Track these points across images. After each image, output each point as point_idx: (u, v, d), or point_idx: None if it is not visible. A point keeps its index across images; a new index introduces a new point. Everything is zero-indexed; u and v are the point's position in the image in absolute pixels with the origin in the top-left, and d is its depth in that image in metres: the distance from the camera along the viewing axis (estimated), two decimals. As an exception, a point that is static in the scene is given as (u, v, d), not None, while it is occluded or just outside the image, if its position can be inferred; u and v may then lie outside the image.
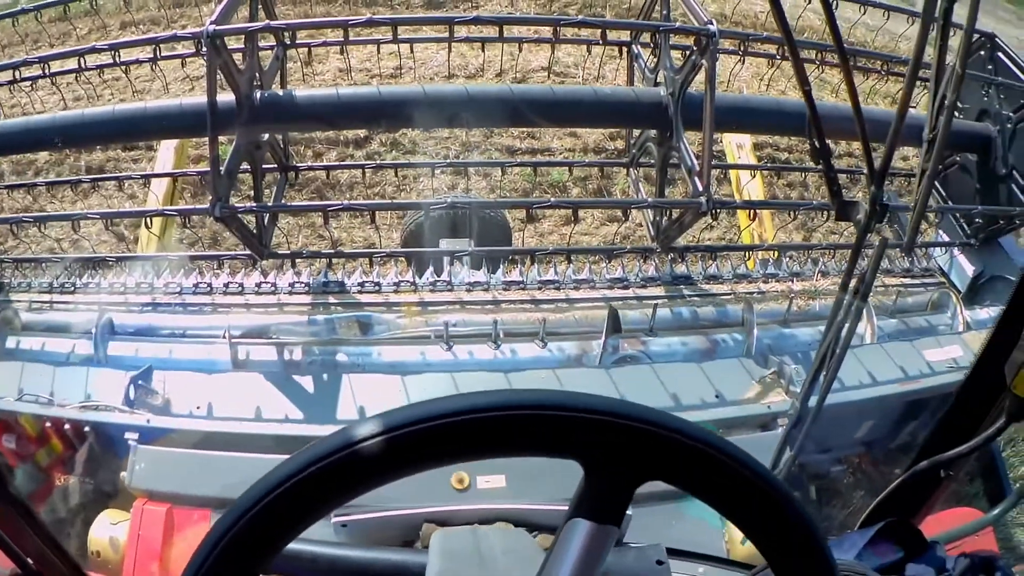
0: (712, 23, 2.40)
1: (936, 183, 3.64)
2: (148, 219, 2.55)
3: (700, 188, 2.44)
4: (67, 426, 2.33)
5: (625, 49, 2.77)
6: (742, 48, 2.83)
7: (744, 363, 2.57)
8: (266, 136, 2.48)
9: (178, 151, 3.25)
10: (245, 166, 2.44)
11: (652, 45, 2.72)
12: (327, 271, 2.49)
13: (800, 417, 1.77)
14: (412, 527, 1.75)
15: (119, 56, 2.69)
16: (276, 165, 2.64)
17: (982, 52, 3.18)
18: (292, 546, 0.65)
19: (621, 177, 3.68)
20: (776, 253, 3.00)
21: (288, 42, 2.52)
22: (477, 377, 2.22)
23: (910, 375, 2.59)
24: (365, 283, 2.44)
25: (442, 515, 1.74)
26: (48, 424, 2.34)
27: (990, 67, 3.16)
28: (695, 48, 2.45)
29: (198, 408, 2.30)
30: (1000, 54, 3.09)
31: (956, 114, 3.40)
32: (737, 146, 3.43)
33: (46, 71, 2.88)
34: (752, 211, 2.84)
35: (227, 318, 2.46)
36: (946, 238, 3.45)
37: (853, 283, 1.48)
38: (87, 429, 2.30)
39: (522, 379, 2.25)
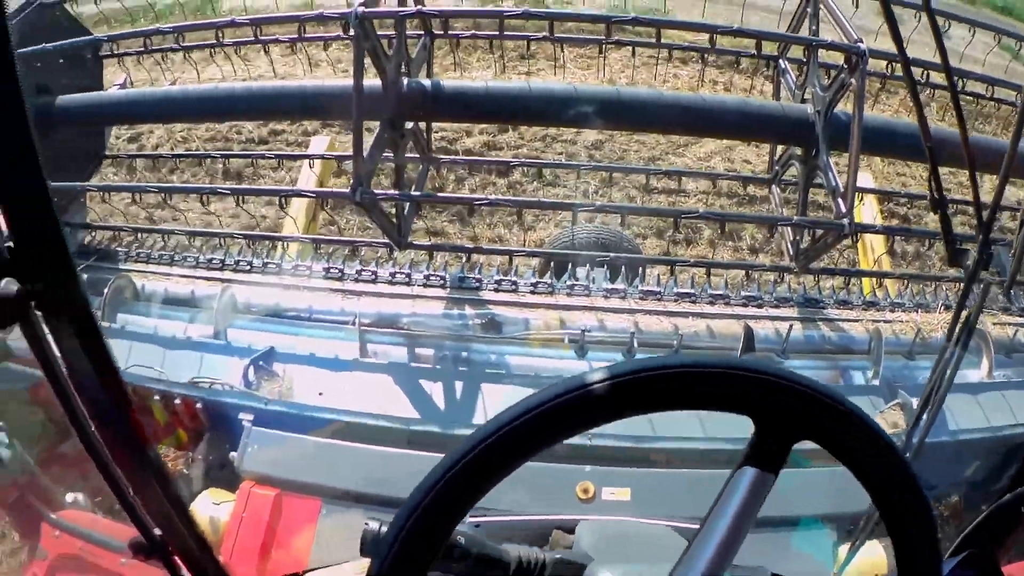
0: (862, 41, 2.33)
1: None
2: (283, 199, 2.53)
3: (843, 210, 2.37)
4: (177, 401, 2.29)
5: (772, 64, 2.71)
6: (889, 69, 2.75)
7: (870, 394, 2.51)
8: (410, 125, 2.45)
9: (330, 146, 3.21)
10: (387, 154, 2.41)
11: (801, 61, 2.65)
12: (464, 266, 2.45)
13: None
14: (542, 534, 1.71)
15: (260, 33, 2.68)
16: (418, 155, 2.61)
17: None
18: None
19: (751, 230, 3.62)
20: (906, 282, 2.91)
21: (437, 32, 2.49)
22: None
23: (1020, 418, 2.50)
24: (502, 282, 2.39)
25: (572, 524, 1.70)
26: (157, 397, 2.30)
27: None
28: (845, 66, 2.39)
29: (320, 394, 2.25)
30: None
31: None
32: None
33: (180, 42, 2.87)
34: (890, 238, 2.75)
35: (357, 305, 2.42)
36: (1066, 272, 3.31)
37: (959, 326, 1.47)
38: (199, 406, 2.25)
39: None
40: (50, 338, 0.68)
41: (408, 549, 0.73)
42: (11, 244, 0.60)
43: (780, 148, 2.82)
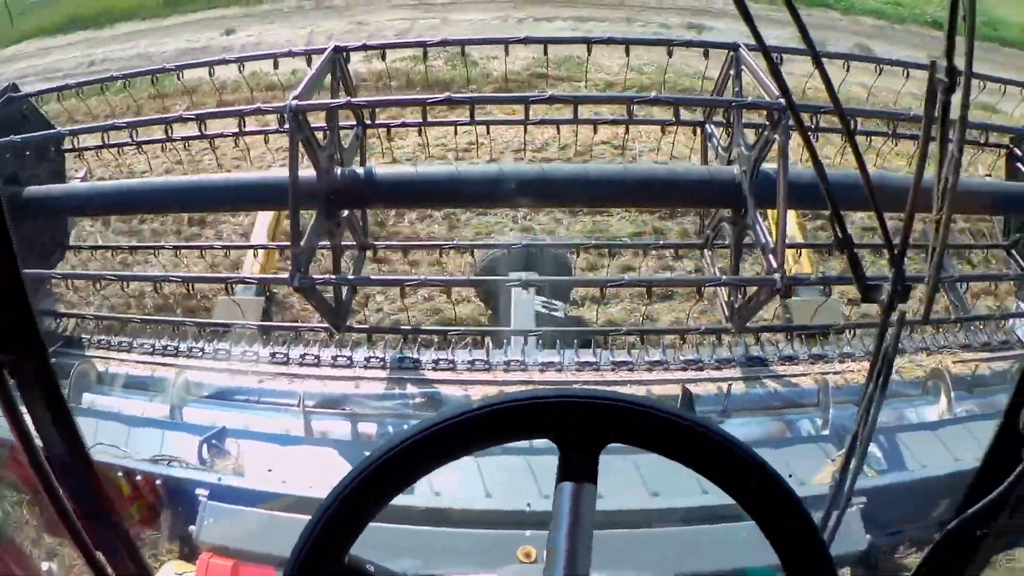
0: (782, 98, 2.38)
1: (1014, 252, 3.55)
2: (230, 285, 2.61)
3: (775, 266, 2.40)
4: (139, 477, 2.36)
5: (699, 129, 2.77)
6: (814, 122, 2.80)
7: (820, 442, 2.52)
8: (346, 212, 2.53)
9: (271, 227, 3.30)
10: (325, 242, 2.49)
11: (726, 123, 2.71)
12: (403, 347, 2.51)
13: (835, 498, 1.73)
14: None
15: (205, 127, 2.79)
16: (355, 243, 2.69)
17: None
18: None
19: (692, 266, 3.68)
20: (853, 331, 2.92)
21: (368, 121, 2.59)
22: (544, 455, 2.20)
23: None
24: (440, 361, 2.46)
25: None
26: (120, 474, 2.37)
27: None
28: (768, 124, 2.44)
29: (269, 471, 2.32)
30: None
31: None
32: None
33: (133, 137, 3.00)
34: (826, 287, 2.78)
35: (302, 387, 2.49)
36: (1027, 308, 3.34)
37: (878, 365, 1.48)
38: (159, 482, 2.33)
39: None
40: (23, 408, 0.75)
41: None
42: None
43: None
